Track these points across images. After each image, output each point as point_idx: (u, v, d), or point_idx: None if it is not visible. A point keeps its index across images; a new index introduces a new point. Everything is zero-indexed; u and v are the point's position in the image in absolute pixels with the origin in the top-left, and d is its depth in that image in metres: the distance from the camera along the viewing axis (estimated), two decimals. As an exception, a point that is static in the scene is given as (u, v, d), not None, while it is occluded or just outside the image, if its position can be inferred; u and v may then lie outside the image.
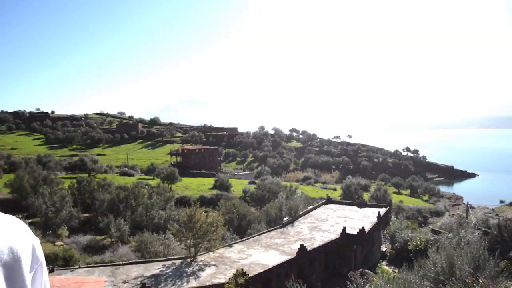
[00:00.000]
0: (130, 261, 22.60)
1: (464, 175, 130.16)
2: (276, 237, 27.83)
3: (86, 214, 39.78)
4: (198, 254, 22.86)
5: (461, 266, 14.90)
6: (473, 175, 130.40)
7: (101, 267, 21.21)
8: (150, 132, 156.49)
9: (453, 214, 57.75)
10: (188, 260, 22.40)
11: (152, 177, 68.47)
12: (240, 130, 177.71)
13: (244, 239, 27.69)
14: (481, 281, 13.51)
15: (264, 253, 24.11)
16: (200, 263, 22.11)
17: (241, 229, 34.87)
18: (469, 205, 58.20)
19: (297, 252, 22.85)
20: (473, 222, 35.59)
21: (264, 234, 28.78)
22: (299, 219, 33.42)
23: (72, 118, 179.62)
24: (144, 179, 66.25)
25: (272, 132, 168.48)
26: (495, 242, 25.17)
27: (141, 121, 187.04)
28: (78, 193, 42.37)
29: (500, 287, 13.29)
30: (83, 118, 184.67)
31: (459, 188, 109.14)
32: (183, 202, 46.85)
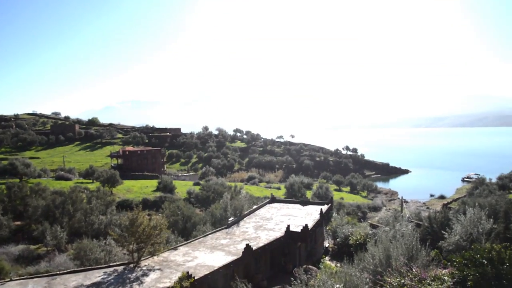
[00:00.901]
0: (68, 270, 21.40)
1: (399, 172, 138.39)
2: (222, 238, 27.75)
3: (18, 222, 37.12)
4: (142, 259, 22.18)
5: (396, 257, 15.83)
6: (406, 171, 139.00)
7: (36, 278, 19.88)
8: (89, 134, 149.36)
9: (389, 209, 61.18)
10: (131, 265, 21.66)
11: (91, 181, 65.45)
12: (184, 130, 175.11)
13: (189, 241, 27.30)
14: (414, 270, 14.45)
15: (209, 254, 23.94)
16: (144, 268, 21.47)
17: (186, 231, 34.38)
18: (403, 200, 62.03)
19: (242, 252, 22.94)
20: (407, 215, 37.91)
21: (210, 235, 28.58)
22: (244, 219, 33.59)
23: (0, 119, 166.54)
24: (82, 183, 63.11)
25: (216, 132, 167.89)
26: (426, 233, 27.04)
27: (79, 122, 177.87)
28: (8, 199, 39.38)
29: (431, 275, 14.26)
30: (12, 119, 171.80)
31: (395, 184, 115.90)
32: (125, 205, 45.28)
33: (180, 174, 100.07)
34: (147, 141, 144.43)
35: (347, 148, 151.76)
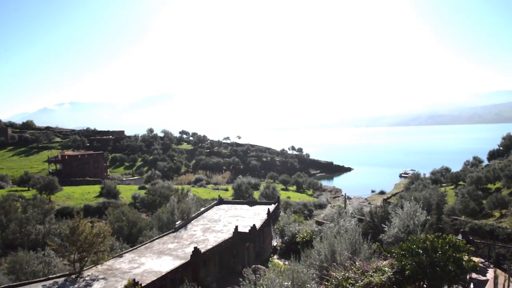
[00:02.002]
0: (2, 287, 19.91)
1: (342, 170, 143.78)
2: (169, 242, 27.24)
3: None
4: (85, 268, 21.18)
5: (341, 252, 16.47)
6: (349, 169, 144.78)
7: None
8: (23, 138, 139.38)
9: (334, 206, 63.29)
10: (73, 276, 20.60)
11: (26, 188, 61.26)
12: (127, 133, 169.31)
13: (135, 247, 26.49)
14: (357, 263, 15.12)
15: (157, 260, 23.41)
16: (87, 278, 20.52)
17: (131, 237, 33.30)
18: (346, 196, 64.50)
19: (191, 256, 22.67)
20: (350, 211, 39.50)
21: (157, 240, 27.93)
22: (192, 221, 33.21)
23: None
24: (16, 190, 58.88)
25: (161, 135, 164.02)
26: (368, 228, 28.40)
27: (11, 125, 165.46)
28: None
29: (373, 267, 14.99)
30: None
31: (338, 182, 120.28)
32: (65, 213, 42.89)
33: (124, 179, 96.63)
34: (88, 144, 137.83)
35: (293, 148, 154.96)
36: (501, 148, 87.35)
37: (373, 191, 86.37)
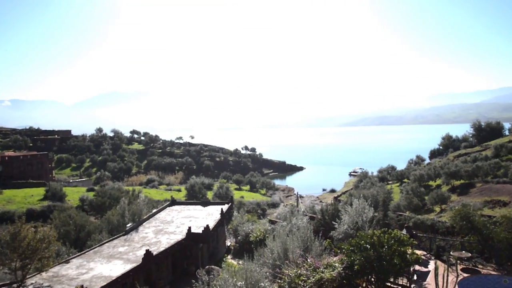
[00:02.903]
0: None
1: (295, 169, 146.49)
2: (120, 246, 26.42)
3: None
4: (28, 276, 20.00)
5: (293, 250, 16.80)
6: (301, 168, 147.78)
7: None
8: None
9: (286, 204, 64.32)
10: (15, 286, 19.39)
11: (-41, 193, 56.79)
12: (74, 132, 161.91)
13: (83, 252, 25.43)
14: (309, 260, 15.52)
15: (107, 264, 22.63)
16: (30, 287, 19.42)
17: (79, 242, 31.89)
18: (299, 195, 65.77)
19: (142, 259, 22.15)
20: (302, 209, 40.38)
21: (106, 244, 26.98)
22: (144, 224, 32.44)
23: None
24: None
25: (111, 134, 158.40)
26: (320, 225, 29.16)
27: None
28: None
29: (324, 263, 15.45)
30: None
31: (291, 181, 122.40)
32: (5, 218, 40.31)
33: (71, 180, 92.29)
34: (31, 145, 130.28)
35: (246, 148, 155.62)
36: (441, 147, 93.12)
37: (324, 190, 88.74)
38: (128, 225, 30.71)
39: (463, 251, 21.26)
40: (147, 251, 22.56)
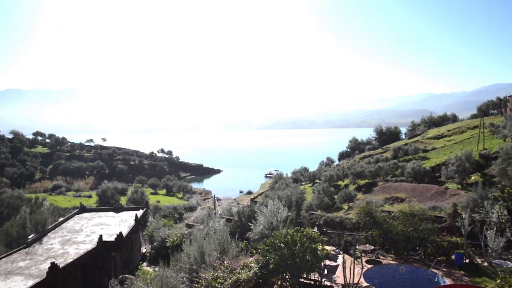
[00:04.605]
0: None
1: (212, 172, 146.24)
2: (20, 260, 24.04)
3: None
4: None
5: (210, 253, 16.84)
6: (218, 171, 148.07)
7: None
8: None
9: (204, 208, 64.01)
10: None
11: None
12: None
13: (-25, 269, 22.68)
14: (226, 262, 15.69)
15: (4, 282, 20.43)
16: None
17: (-31, 258, 28.38)
18: (216, 198, 65.87)
19: (47, 273, 20.41)
20: (219, 212, 40.53)
21: (4, 259, 24.34)
22: (49, 234, 29.89)
23: None
24: None
25: (10, 136, 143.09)
26: (236, 227, 29.58)
27: None
28: None
29: (240, 264, 15.73)
30: None
31: (208, 184, 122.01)
32: None
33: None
34: None
35: (162, 151, 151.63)
36: (348, 149, 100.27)
37: (241, 192, 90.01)
38: (30, 236, 28.06)
39: (367, 245, 23.14)
40: (53, 263, 20.84)
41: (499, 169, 33.81)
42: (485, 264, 16.95)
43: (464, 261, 19.92)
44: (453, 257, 20.42)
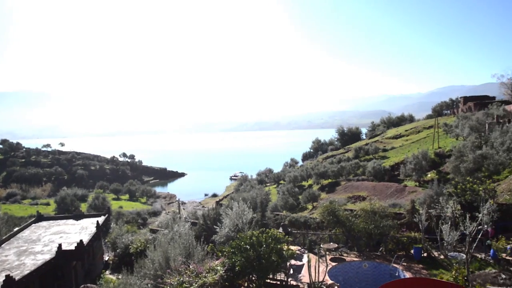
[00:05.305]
0: None
1: (176, 175, 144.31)
2: (-29, 273, 22.70)
3: None
4: None
5: (175, 258, 16.62)
6: (183, 174, 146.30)
7: None
8: None
9: (168, 212, 63.10)
10: None
11: None
12: None
13: None
14: (191, 267, 15.53)
15: (-47, 296, 19.24)
16: None
17: None
18: (180, 202, 65.07)
19: (1, 286, 19.41)
20: (184, 216, 40.08)
21: (-47, 272, 22.91)
22: (3, 245, 28.42)
23: None
24: None
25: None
26: (202, 230, 29.34)
27: None
28: None
29: (206, 267, 15.63)
30: None
31: (173, 187, 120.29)
32: None
33: None
34: None
35: (124, 155, 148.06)
36: (311, 150, 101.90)
37: (206, 195, 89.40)
38: (-18, 248, 26.59)
39: (331, 243, 23.65)
40: (7, 276, 19.83)
41: (453, 166, 35.60)
42: (442, 257, 17.73)
43: (422, 255, 20.82)
44: (412, 251, 21.28)
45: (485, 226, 15.56)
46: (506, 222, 21.66)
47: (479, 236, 16.38)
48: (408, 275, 18.25)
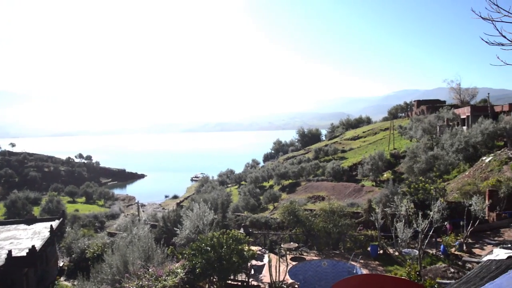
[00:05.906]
0: None
1: (135, 177, 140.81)
2: None
3: None
4: None
5: (134, 261, 16.27)
6: (142, 176, 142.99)
7: None
8: None
9: (127, 214, 61.55)
10: None
11: None
12: None
13: None
14: (151, 270, 15.27)
15: None
16: None
17: None
18: (139, 204, 63.64)
19: None
20: (144, 218, 39.27)
21: None
22: None
23: None
24: None
25: None
26: (162, 232, 28.89)
27: None
28: None
29: (166, 270, 15.42)
30: None
31: (132, 189, 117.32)
32: None
33: None
34: None
35: (81, 156, 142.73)
36: (273, 151, 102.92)
37: (166, 196, 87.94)
38: None
39: (291, 243, 24.01)
40: (-49, 285, 18.66)
41: (407, 166, 37.23)
42: (396, 253, 18.50)
43: (378, 252, 21.62)
44: (369, 249, 22.03)
45: (445, 222, 16.51)
46: (455, 219, 22.90)
47: (431, 233, 17.30)
48: (365, 271, 18.88)
